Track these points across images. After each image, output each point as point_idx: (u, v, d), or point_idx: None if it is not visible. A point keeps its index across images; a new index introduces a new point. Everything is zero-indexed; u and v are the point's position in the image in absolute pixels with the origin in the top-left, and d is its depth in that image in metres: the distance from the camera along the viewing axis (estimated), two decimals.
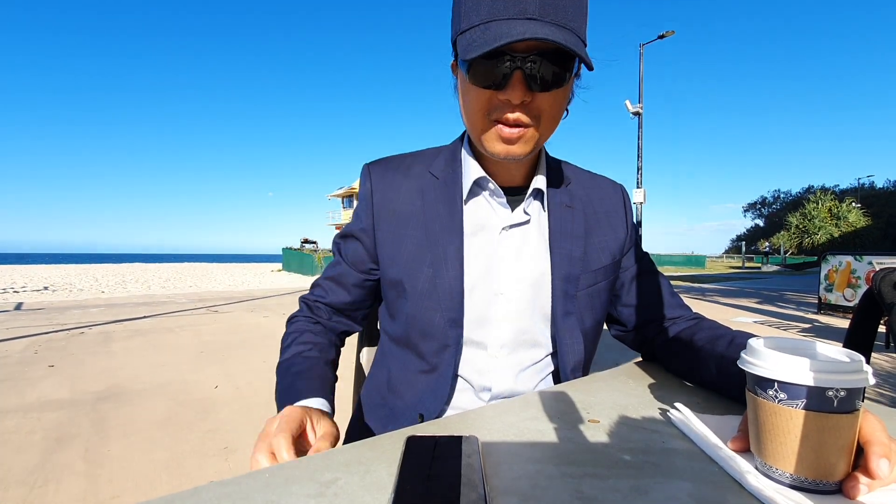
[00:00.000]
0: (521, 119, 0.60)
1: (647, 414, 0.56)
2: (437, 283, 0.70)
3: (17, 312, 6.45)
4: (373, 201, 0.75)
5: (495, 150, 0.64)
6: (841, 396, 0.37)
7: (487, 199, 0.74)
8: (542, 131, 0.64)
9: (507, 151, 0.63)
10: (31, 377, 3.25)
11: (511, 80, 0.58)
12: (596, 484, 0.39)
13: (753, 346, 0.42)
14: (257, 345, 4.38)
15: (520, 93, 0.58)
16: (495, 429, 0.50)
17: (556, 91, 0.60)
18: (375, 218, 0.74)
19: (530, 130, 0.62)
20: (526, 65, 0.57)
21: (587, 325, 0.75)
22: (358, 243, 0.77)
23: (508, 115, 0.60)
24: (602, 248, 0.77)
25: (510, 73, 0.57)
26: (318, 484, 0.39)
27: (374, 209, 0.75)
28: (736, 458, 0.43)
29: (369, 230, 0.75)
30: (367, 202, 0.75)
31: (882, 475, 0.37)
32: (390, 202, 0.74)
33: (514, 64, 0.57)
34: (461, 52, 0.59)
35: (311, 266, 17.70)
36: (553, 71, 0.58)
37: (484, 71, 0.59)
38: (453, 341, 0.70)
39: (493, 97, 0.61)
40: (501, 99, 0.60)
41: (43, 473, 1.91)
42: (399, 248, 0.72)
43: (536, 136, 0.64)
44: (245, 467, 2.10)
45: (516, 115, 0.60)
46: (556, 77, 0.59)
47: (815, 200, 37.75)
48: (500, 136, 0.63)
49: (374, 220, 0.75)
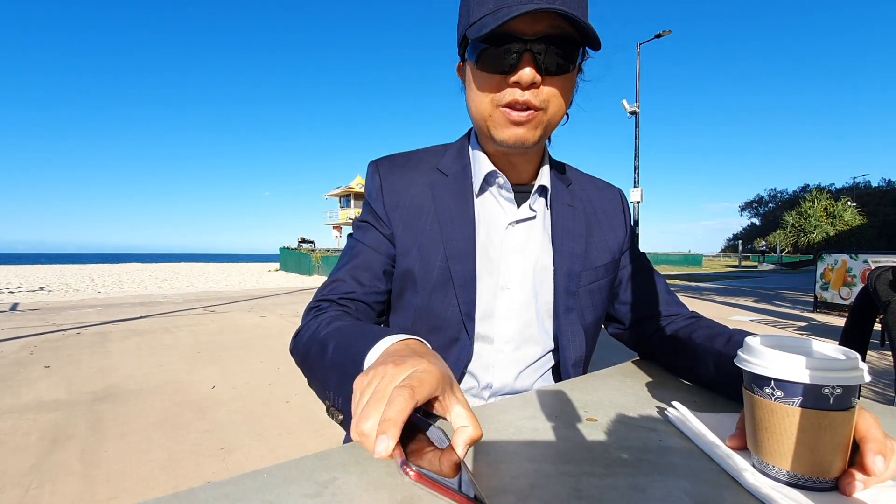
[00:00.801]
0: (530, 102, 0.61)
1: (645, 412, 0.56)
2: (451, 276, 0.70)
3: (12, 313, 6.41)
4: (383, 195, 0.74)
5: (504, 137, 0.64)
6: (837, 394, 0.37)
7: (495, 195, 0.74)
8: (549, 118, 0.64)
9: (517, 137, 0.64)
10: (26, 378, 3.23)
11: (521, 62, 0.59)
12: (594, 482, 0.39)
13: (750, 344, 0.42)
14: (255, 345, 4.37)
15: (530, 72, 0.59)
16: (493, 427, 0.50)
17: (563, 77, 0.62)
18: (388, 209, 0.73)
19: (539, 115, 0.63)
20: (535, 47, 0.59)
21: (588, 321, 0.76)
22: (376, 231, 0.74)
23: (518, 98, 0.61)
24: (602, 247, 0.78)
25: (520, 55, 0.59)
26: (316, 484, 0.38)
27: (385, 202, 0.73)
28: (733, 455, 0.43)
29: (385, 219, 0.73)
30: (378, 196, 0.74)
31: (877, 472, 0.37)
32: (401, 196, 0.73)
33: (522, 47, 0.59)
34: (471, 35, 0.60)
35: (309, 266, 17.68)
36: (561, 56, 0.60)
37: (493, 57, 0.60)
38: (465, 335, 0.70)
39: (503, 82, 0.61)
40: (511, 82, 0.61)
41: (39, 474, 1.90)
42: (413, 239, 0.72)
43: (545, 122, 0.64)
44: (242, 468, 2.10)
45: (525, 97, 0.61)
46: (563, 62, 0.61)
47: (811, 199, 37.97)
48: (508, 120, 0.63)
49: (386, 211, 0.73)
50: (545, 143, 0.75)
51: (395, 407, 0.36)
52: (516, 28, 0.58)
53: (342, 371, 0.52)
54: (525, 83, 0.59)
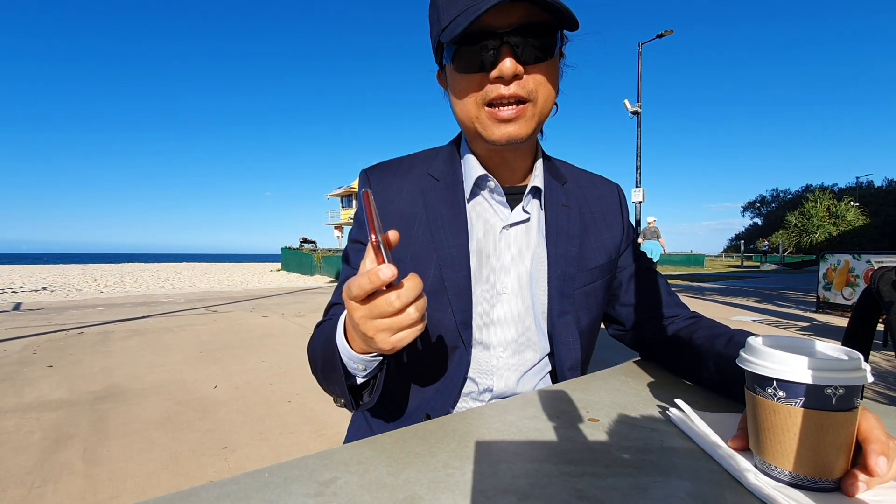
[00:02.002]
0: (517, 94, 0.60)
1: (646, 412, 0.56)
2: (445, 284, 0.69)
3: (15, 313, 6.44)
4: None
5: (495, 136, 0.63)
6: (840, 394, 0.37)
7: (487, 198, 0.74)
8: (539, 109, 0.63)
9: (508, 134, 0.62)
10: (29, 377, 3.24)
11: (499, 56, 0.58)
12: (595, 482, 0.39)
13: (752, 345, 0.42)
14: (256, 345, 4.38)
15: (511, 64, 0.58)
16: (495, 428, 0.50)
17: (546, 64, 0.61)
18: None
19: (528, 108, 0.61)
20: (511, 40, 0.58)
21: (583, 324, 0.75)
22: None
23: (503, 93, 0.60)
24: (598, 247, 0.77)
25: (497, 49, 0.58)
26: (317, 483, 0.38)
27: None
28: (735, 456, 0.43)
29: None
30: None
31: (880, 472, 0.37)
32: (392, 205, 0.73)
33: (498, 42, 0.58)
34: (445, 38, 0.59)
35: (310, 266, 17.69)
36: (539, 44, 0.59)
37: (471, 56, 0.60)
38: (462, 343, 0.70)
39: (484, 80, 0.60)
40: (493, 78, 0.59)
41: (41, 473, 1.90)
42: (405, 248, 0.71)
43: (535, 115, 0.63)
44: (243, 467, 2.11)
45: (511, 90, 0.59)
46: (542, 49, 0.60)
47: (813, 199, 37.86)
48: (497, 119, 0.62)
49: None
50: (538, 137, 0.75)
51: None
52: (489, 23, 0.57)
53: (329, 365, 0.60)
54: (507, 76, 0.58)
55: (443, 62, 0.66)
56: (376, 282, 0.44)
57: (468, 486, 0.38)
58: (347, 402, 0.61)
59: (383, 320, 0.46)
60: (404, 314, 0.46)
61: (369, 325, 0.47)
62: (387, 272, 0.43)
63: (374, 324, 0.47)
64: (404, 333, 0.47)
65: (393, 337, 0.47)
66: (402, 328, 0.47)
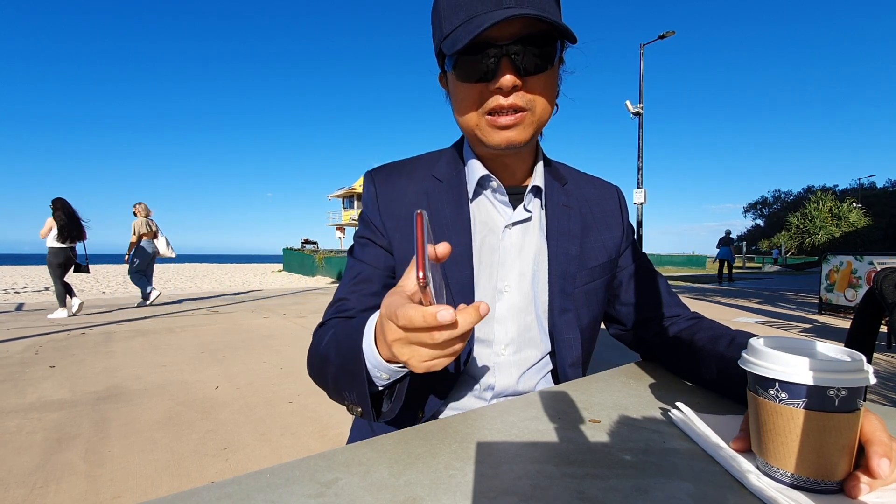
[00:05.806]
0: (515, 103, 0.61)
1: (648, 414, 0.56)
2: (448, 282, 0.70)
3: (17, 313, 6.46)
4: (379, 206, 0.74)
5: (495, 142, 0.65)
6: (842, 396, 0.37)
7: (490, 198, 0.75)
8: (537, 117, 0.65)
9: (507, 139, 0.64)
10: (31, 377, 3.25)
11: (499, 67, 0.59)
12: (596, 484, 0.39)
13: (754, 346, 0.42)
14: (258, 345, 4.38)
15: (510, 78, 0.59)
16: (496, 429, 0.50)
17: (545, 75, 0.62)
18: (384, 219, 0.74)
19: (527, 115, 0.63)
20: (511, 51, 0.59)
21: (584, 322, 0.75)
22: (374, 245, 0.74)
23: (502, 103, 0.61)
24: (598, 247, 0.78)
25: (497, 61, 0.59)
26: (318, 484, 0.39)
27: (382, 212, 0.74)
28: (737, 457, 0.43)
29: (381, 230, 0.74)
30: (374, 207, 0.75)
31: (883, 474, 0.37)
32: (397, 206, 0.74)
33: (499, 52, 0.59)
34: (447, 49, 0.60)
35: (312, 266, 17.71)
36: (538, 54, 0.60)
37: (471, 66, 0.61)
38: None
39: (484, 90, 0.62)
40: (493, 89, 0.61)
41: (43, 474, 1.91)
42: (410, 247, 0.72)
43: (534, 121, 0.64)
44: (245, 468, 2.11)
45: (510, 100, 0.61)
46: (542, 60, 0.61)
47: (815, 200, 37.76)
48: (496, 126, 0.63)
49: (383, 221, 0.74)
50: (538, 140, 0.76)
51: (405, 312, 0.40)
52: (490, 35, 0.58)
53: (347, 370, 0.55)
54: (506, 88, 0.60)
55: (444, 67, 0.68)
56: (431, 323, 0.39)
57: (469, 488, 0.38)
58: (366, 410, 0.55)
59: (421, 349, 0.43)
60: (449, 348, 0.43)
61: (404, 349, 0.44)
62: (446, 316, 0.38)
63: (409, 349, 0.43)
64: (440, 361, 0.44)
65: (426, 363, 0.44)
66: (439, 358, 0.44)
